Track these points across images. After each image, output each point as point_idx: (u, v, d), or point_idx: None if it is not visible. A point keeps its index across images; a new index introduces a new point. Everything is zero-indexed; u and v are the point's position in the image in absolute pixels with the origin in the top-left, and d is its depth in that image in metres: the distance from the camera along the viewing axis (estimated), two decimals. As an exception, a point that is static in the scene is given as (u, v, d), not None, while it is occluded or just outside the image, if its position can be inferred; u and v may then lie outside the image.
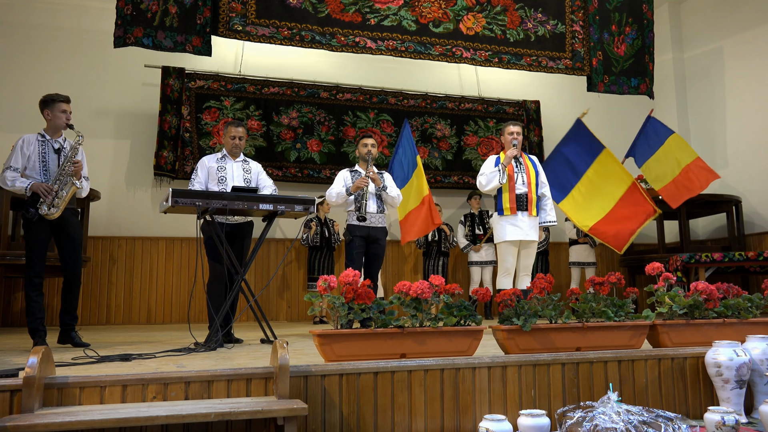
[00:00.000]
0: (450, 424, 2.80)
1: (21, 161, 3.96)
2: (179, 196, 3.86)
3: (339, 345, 2.78)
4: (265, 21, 5.56)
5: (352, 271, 2.85)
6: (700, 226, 8.51)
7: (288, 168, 7.70)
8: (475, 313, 3.04)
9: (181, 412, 2.21)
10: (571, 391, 2.99)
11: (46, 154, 4.01)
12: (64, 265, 4.12)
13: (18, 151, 3.97)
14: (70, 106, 4.13)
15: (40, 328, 3.94)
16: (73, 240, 4.09)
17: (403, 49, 5.91)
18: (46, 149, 4.02)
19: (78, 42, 7.25)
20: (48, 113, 4.07)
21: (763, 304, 3.62)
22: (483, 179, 4.94)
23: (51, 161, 4.01)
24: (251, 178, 4.57)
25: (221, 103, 7.54)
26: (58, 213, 3.90)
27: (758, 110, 7.64)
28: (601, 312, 3.26)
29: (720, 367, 3.05)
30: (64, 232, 4.05)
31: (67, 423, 2.09)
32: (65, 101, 4.10)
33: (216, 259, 4.29)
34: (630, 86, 6.75)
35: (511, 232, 4.85)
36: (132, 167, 7.31)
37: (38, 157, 3.99)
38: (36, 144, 4.01)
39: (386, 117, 8.15)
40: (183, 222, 7.28)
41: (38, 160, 3.98)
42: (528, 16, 6.34)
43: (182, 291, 7.24)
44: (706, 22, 8.49)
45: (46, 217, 3.88)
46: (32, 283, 3.94)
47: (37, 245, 3.94)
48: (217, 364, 2.84)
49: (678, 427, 2.45)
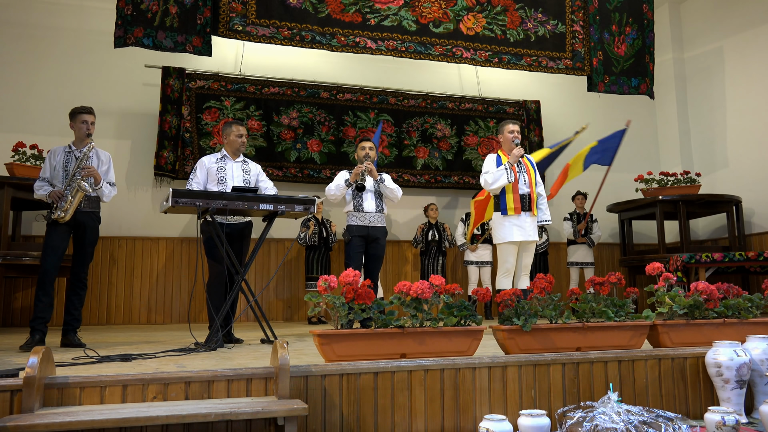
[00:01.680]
0: (450, 424, 2.80)
1: (48, 171, 4.24)
2: (179, 196, 3.86)
3: (339, 345, 2.78)
4: (266, 21, 5.56)
5: (352, 271, 2.85)
6: (700, 226, 8.51)
7: (288, 168, 7.70)
8: (475, 313, 3.04)
9: (181, 412, 2.21)
10: (572, 391, 2.99)
11: (69, 163, 4.23)
12: (72, 268, 4.28)
13: (47, 161, 4.26)
14: (93, 117, 4.32)
15: (37, 327, 4.01)
16: (84, 242, 4.26)
17: (403, 49, 5.91)
18: (70, 159, 4.24)
19: (78, 42, 7.25)
20: (72, 125, 4.30)
21: (764, 304, 3.62)
22: (489, 177, 4.85)
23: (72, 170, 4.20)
24: (251, 179, 4.57)
25: (221, 103, 7.54)
26: (67, 216, 4.08)
27: (758, 110, 7.64)
28: (601, 312, 3.26)
29: (720, 367, 3.05)
30: (80, 237, 4.25)
31: (67, 423, 2.09)
32: (86, 112, 4.29)
33: (216, 259, 4.30)
34: (630, 86, 6.75)
35: (515, 233, 4.82)
36: (132, 167, 7.31)
37: (62, 167, 4.23)
38: (62, 154, 4.26)
39: (386, 117, 8.15)
40: (183, 222, 7.30)
41: (62, 170, 4.23)
42: (528, 16, 6.34)
43: (182, 291, 7.24)
44: (706, 22, 8.49)
45: (59, 221, 4.08)
46: (40, 282, 4.11)
47: (49, 247, 4.13)
48: (218, 364, 2.84)
49: (678, 427, 2.45)
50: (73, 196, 4.09)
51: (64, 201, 4.08)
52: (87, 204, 4.22)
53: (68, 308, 4.19)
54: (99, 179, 4.20)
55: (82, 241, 4.25)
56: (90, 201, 4.25)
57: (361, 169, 4.76)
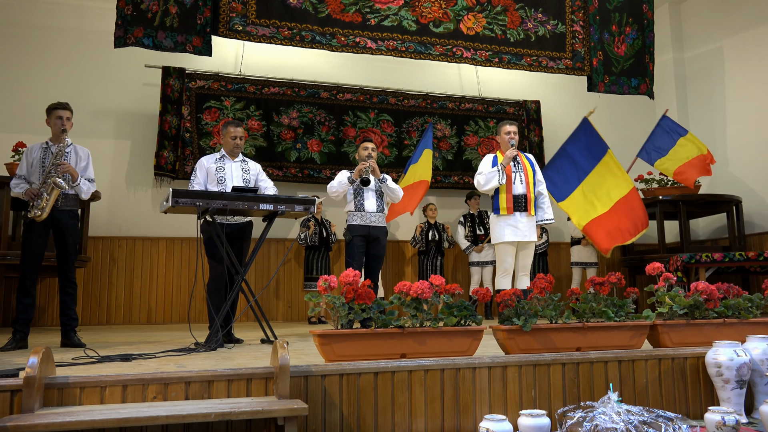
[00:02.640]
0: (450, 424, 2.80)
1: (25, 168, 4.16)
2: (179, 196, 3.86)
3: (339, 345, 2.78)
4: (266, 21, 5.56)
5: (352, 271, 2.85)
6: (701, 226, 8.51)
7: (288, 168, 7.70)
8: (475, 313, 3.04)
9: (181, 412, 2.21)
10: (572, 391, 2.99)
11: (46, 159, 4.15)
12: (57, 264, 4.22)
13: (24, 158, 4.19)
14: (69, 112, 4.23)
15: (19, 328, 4.00)
16: (65, 240, 4.17)
17: (403, 49, 5.91)
18: (47, 155, 4.16)
19: (78, 42, 7.25)
20: (47, 121, 4.23)
21: (764, 304, 3.62)
22: (481, 179, 4.91)
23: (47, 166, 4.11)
24: (250, 179, 4.57)
25: (221, 103, 7.54)
26: (44, 214, 4.00)
27: (758, 110, 7.64)
28: (601, 312, 3.26)
29: (720, 367, 3.05)
30: (60, 235, 4.16)
31: (67, 423, 2.09)
32: (61, 108, 4.21)
33: (216, 259, 4.29)
34: (630, 86, 6.74)
35: (508, 233, 4.83)
36: (132, 167, 7.31)
37: (39, 164, 4.15)
38: (39, 151, 4.18)
39: (386, 117, 8.15)
40: (183, 222, 7.29)
41: (39, 166, 4.14)
42: (528, 16, 6.34)
43: (182, 291, 7.24)
44: (706, 22, 8.49)
45: (35, 219, 4.00)
46: (20, 284, 4.08)
47: (28, 248, 4.08)
48: (218, 364, 2.84)
49: (678, 427, 2.45)
50: (48, 194, 4.01)
51: (40, 199, 4.00)
52: (64, 202, 4.14)
53: (63, 309, 4.16)
54: (76, 176, 4.13)
55: (63, 240, 4.17)
56: (67, 199, 4.17)
57: (365, 165, 4.76)
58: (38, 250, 4.10)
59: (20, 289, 4.05)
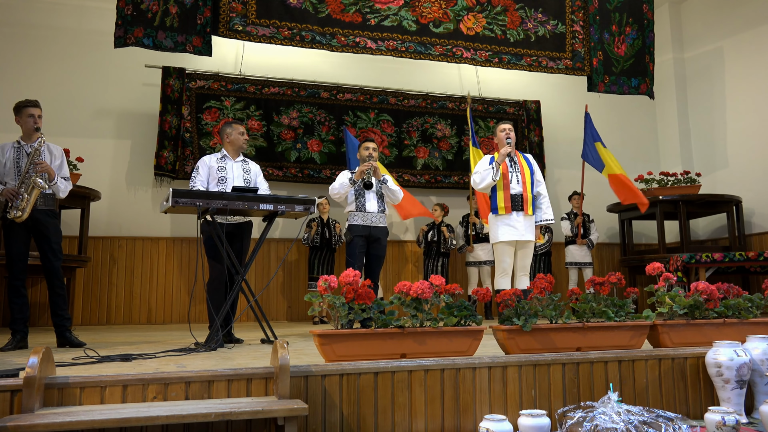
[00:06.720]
0: (450, 424, 2.80)
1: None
2: (180, 196, 3.86)
3: (339, 345, 2.78)
4: (266, 21, 5.56)
5: (352, 271, 2.85)
6: (701, 226, 8.51)
7: (288, 168, 7.70)
8: (475, 313, 3.04)
9: (181, 412, 2.21)
10: (572, 391, 2.99)
11: (20, 159, 4.09)
12: (43, 265, 4.18)
13: None
14: (40, 110, 4.20)
15: (18, 328, 3.99)
16: (48, 240, 4.13)
17: (403, 49, 5.91)
18: (20, 154, 4.10)
19: (78, 42, 7.25)
20: (18, 120, 4.18)
21: (764, 304, 3.62)
22: (477, 177, 4.92)
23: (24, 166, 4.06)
24: (251, 179, 4.57)
25: (221, 103, 7.54)
26: (24, 215, 3.96)
27: (758, 110, 7.64)
28: (601, 312, 3.26)
29: (720, 367, 3.05)
30: (40, 233, 4.12)
31: (67, 423, 2.09)
32: (32, 106, 4.18)
33: (216, 259, 4.29)
34: (630, 86, 6.75)
35: (506, 233, 4.83)
36: (132, 167, 7.30)
37: (13, 163, 4.08)
38: (11, 150, 4.11)
39: (386, 117, 8.15)
40: (183, 222, 7.30)
41: (13, 166, 4.07)
42: (528, 16, 6.34)
43: (182, 291, 7.24)
44: (706, 22, 8.49)
45: (15, 220, 3.95)
46: (10, 286, 4.05)
47: (11, 249, 4.04)
48: (218, 364, 2.84)
49: (678, 427, 2.45)
50: (29, 194, 3.96)
51: (20, 199, 3.95)
52: (43, 202, 4.10)
53: (54, 310, 4.13)
54: (53, 174, 4.09)
55: (46, 241, 4.12)
56: (46, 198, 4.13)
57: (366, 167, 4.76)
58: (23, 250, 4.07)
59: (10, 291, 4.03)
